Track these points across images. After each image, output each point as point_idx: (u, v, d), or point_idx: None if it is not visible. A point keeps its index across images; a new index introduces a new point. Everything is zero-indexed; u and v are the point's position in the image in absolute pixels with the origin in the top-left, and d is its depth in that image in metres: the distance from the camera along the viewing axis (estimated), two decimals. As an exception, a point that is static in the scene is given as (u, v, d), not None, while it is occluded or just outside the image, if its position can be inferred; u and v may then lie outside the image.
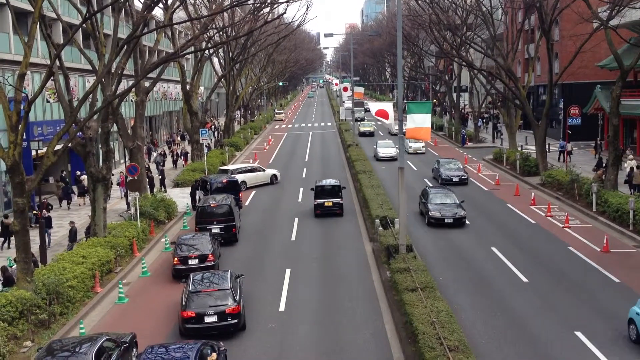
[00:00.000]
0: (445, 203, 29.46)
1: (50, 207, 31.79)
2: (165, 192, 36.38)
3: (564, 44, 52.03)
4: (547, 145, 41.05)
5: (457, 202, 29.56)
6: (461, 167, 39.88)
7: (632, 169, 33.90)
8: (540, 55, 53.45)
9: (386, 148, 50.67)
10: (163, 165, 44.67)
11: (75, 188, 37.93)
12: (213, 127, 70.01)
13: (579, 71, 49.20)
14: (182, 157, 51.79)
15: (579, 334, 17.13)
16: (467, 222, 29.16)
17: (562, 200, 33.15)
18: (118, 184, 38.04)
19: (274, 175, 42.41)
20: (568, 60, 38.63)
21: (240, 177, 38.54)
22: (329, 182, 32.74)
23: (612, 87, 32.71)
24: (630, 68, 31.73)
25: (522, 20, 49.35)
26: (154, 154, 55.04)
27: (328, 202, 31.67)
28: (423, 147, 52.56)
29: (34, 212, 31.00)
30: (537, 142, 39.93)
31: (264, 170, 42.27)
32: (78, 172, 38.88)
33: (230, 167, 41.90)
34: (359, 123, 71.04)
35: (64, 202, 35.96)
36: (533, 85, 57.63)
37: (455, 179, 38.53)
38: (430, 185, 31.08)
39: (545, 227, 28.21)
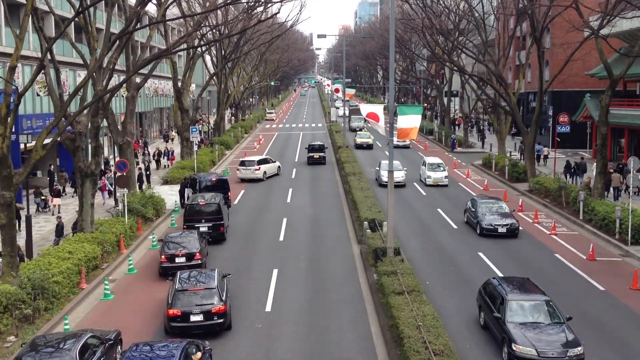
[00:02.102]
0: (539, 324, 16.08)
1: (60, 193, 32.73)
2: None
3: (554, 51, 52.35)
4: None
5: (562, 319, 16.32)
6: (507, 210, 28.76)
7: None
8: (531, 62, 53.78)
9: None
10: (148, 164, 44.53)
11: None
12: (200, 125, 69.52)
13: (569, 79, 49.60)
14: (166, 157, 49.47)
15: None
16: (455, 226, 26.16)
17: (550, 207, 33.34)
18: (99, 189, 33.92)
19: (279, 167, 45.63)
20: (558, 68, 38.88)
21: (263, 168, 42.81)
22: (317, 142, 51.52)
23: (602, 96, 32.97)
24: (619, 77, 32.00)
25: (513, 26, 49.63)
26: (149, 147, 54.89)
27: (316, 155, 49.15)
28: (446, 177, 39.99)
29: (43, 197, 32.38)
30: (526, 149, 40.14)
31: (275, 162, 45.50)
32: None
33: (253, 157, 44.68)
34: (355, 134, 64.16)
35: (70, 190, 37.38)
36: (523, 92, 57.98)
37: (501, 229, 27.20)
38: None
39: (532, 234, 28.35)
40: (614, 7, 30.87)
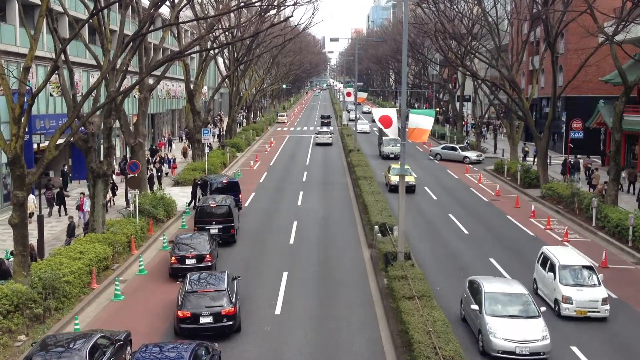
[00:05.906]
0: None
1: None
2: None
3: (568, 57, 52.03)
4: (549, 158, 41.03)
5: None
6: None
7: (592, 170, 34.89)
8: (544, 67, 53.51)
9: (511, 306, 17.64)
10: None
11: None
12: (211, 125, 69.31)
13: (582, 85, 49.21)
14: (167, 164, 45.86)
15: (574, 348, 17.10)
16: (466, 232, 25.75)
17: (562, 214, 33.10)
18: (77, 208, 30.45)
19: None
20: (572, 74, 38.63)
21: (332, 137, 64.21)
22: (326, 112, 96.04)
23: (616, 102, 32.72)
24: (634, 84, 31.72)
25: (527, 32, 49.38)
26: (173, 146, 54.83)
27: (325, 120, 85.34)
28: (604, 300, 19.04)
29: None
30: (539, 155, 39.90)
31: (334, 133, 65.87)
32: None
33: (326, 129, 67.92)
34: (389, 167, 40.84)
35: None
36: (536, 97, 57.70)
37: None
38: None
39: (545, 240, 28.14)
40: (629, 13, 30.66)
